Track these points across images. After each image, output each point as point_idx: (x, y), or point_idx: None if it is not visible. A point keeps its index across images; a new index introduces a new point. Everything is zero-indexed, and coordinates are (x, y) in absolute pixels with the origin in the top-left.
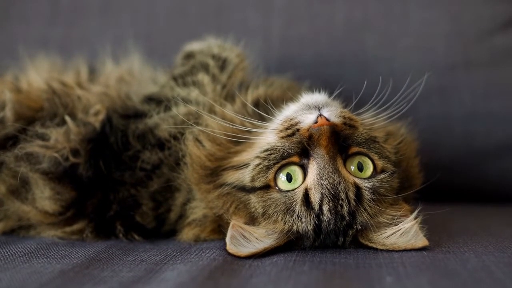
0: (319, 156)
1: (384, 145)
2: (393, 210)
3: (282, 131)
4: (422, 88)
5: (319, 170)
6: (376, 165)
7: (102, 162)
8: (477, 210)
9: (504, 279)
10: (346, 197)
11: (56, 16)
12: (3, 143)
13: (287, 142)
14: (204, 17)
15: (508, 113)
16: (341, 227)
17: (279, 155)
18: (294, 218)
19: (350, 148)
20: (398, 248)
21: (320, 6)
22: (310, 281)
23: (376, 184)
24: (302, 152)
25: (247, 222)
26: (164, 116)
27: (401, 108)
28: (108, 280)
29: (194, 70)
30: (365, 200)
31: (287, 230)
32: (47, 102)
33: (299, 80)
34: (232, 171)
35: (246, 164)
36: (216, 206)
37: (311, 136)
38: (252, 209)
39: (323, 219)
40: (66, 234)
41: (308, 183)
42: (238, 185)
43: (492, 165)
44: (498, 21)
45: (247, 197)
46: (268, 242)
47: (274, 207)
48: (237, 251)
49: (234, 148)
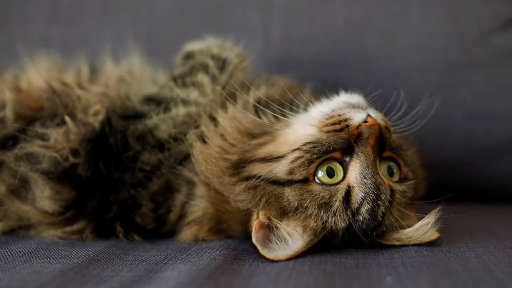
0: (364, 155)
1: (407, 154)
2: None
3: (329, 125)
4: (422, 88)
5: (363, 169)
6: (401, 172)
7: (102, 163)
8: (477, 210)
9: (504, 279)
10: (385, 199)
11: (56, 16)
12: (3, 143)
13: (333, 137)
14: (204, 17)
15: (508, 113)
16: (372, 228)
17: (324, 148)
18: (330, 214)
19: (385, 152)
20: (413, 241)
21: (320, 6)
22: (310, 281)
23: (405, 189)
24: (346, 148)
25: (276, 217)
26: (163, 117)
27: (417, 123)
28: (108, 280)
29: (193, 71)
30: (395, 203)
31: (321, 228)
32: (47, 102)
33: (299, 80)
34: (260, 164)
35: (279, 156)
36: (243, 199)
37: (360, 134)
38: (285, 202)
39: (358, 219)
40: (66, 234)
41: (350, 180)
42: (270, 177)
43: (492, 165)
44: (498, 21)
45: (281, 190)
46: (302, 242)
47: (310, 201)
48: (274, 255)
49: (253, 141)
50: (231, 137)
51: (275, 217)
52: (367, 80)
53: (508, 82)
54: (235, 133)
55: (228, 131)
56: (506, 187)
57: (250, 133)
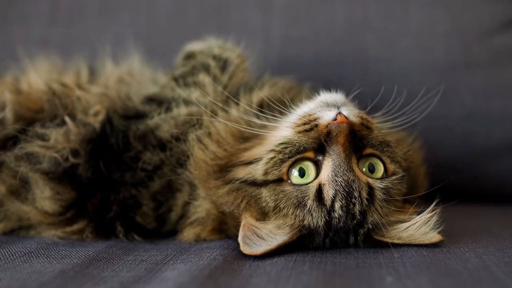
0: (335, 153)
1: (396, 150)
2: (401, 214)
3: (300, 125)
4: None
5: (334, 167)
6: (387, 169)
7: (102, 163)
8: (477, 210)
9: (504, 279)
10: (359, 196)
11: (56, 16)
12: (3, 143)
13: (304, 137)
14: (204, 17)
15: (508, 113)
16: (352, 226)
17: (294, 149)
18: (305, 213)
19: (365, 149)
20: (415, 241)
21: (320, 6)
22: (310, 281)
23: (388, 185)
24: (318, 148)
25: (258, 218)
26: (165, 117)
27: (414, 118)
28: (108, 280)
29: (194, 71)
30: (377, 200)
31: (298, 225)
32: (47, 103)
33: (299, 80)
34: (243, 167)
35: (258, 159)
36: (226, 202)
37: (329, 132)
38: (263, 203)
39: (334, 216)
40: (66, 234)
41: (322, 179)
42: (249, 179)
43: (492, 165)
44: (498, 21)
45: (259, 191)
46: (281, 238)
47: (286, 201)
48: (252, 251)
49: (242, 145)
50: (225, 142)
51: (256, 217)
52: (367, 80)
53: (508, 82)
54: (228, 137)
55: (222, 135)
56: (506, 187)
57: (242, 136)
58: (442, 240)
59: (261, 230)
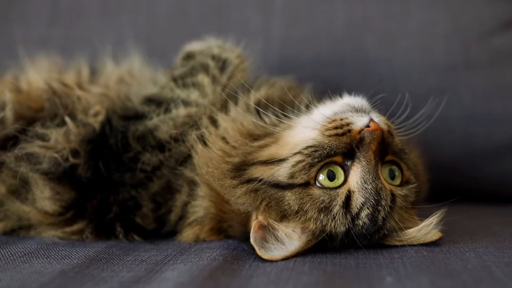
0: (365, 160)
1: (410, 157)
2: (408, 218)
3: (331, 129)
4: (422, 88)
5: (364, 173)
6: (404, 175)
7: (102, 163)
8: (477, 210)
9: (504, 279)
10: (385, 204)
11: (56, 16)
12: (3, 143)
13: (335, 141)
14: (204, 17)
15: (508, 114)
16: (372, 232)
17: (325, 152)
18: (329, 218)
19: (386, 156)
20: (415, 242)
21: (320, 6)
22: (310, 281)
23: (407, 193)
24: (347, 153)
25: (276, 219)
26: (163, 118)
27: (420, 127)
28: (108, 280)
29: (194, 71)
30: (397, 207)
31: (320, 230)
32: (47, 103)
33: (299, 80)
34: (261, 166)
35: (280, 160)
36: (244, 202)
37: (362, 139)
38: (285, 206)
39: (358, 223)
40: (66, 234)
41: (351, 185)
42: (271, 181)
43: (492, 165)
44: (498, 21)
45: (282, 193)
46: (300, 243)
47: (311, 204)
48: (270, 256)
49: (255, 143)
50: (232, 140)
51: (275, 219)
52: (367, 81)
53: (508, 82)
54: (236, 135)
55: (229, 133)
56: (506, 187)
57: (251, 134)
58: (441, 237)
59: (280, 232)
